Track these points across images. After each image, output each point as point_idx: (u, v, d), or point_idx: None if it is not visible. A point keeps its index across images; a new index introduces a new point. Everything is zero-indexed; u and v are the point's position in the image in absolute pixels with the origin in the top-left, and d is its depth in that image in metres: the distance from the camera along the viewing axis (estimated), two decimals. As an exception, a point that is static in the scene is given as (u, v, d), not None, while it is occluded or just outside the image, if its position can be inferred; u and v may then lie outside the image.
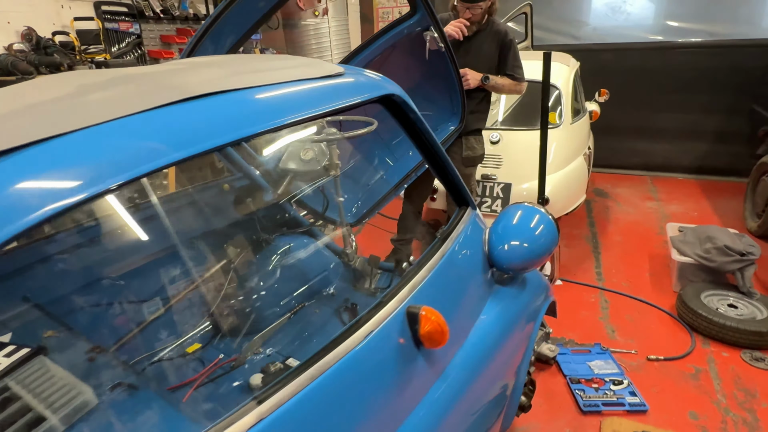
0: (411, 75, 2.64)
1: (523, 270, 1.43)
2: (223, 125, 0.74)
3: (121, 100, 0.73)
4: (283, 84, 0.89)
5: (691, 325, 2.75)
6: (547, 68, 2.11)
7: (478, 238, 1.40)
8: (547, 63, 2.12)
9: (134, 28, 3.74)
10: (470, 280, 1.31)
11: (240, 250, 2.29)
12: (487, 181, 3.40)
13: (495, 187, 3.38)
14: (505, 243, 1.38)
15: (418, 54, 2.42)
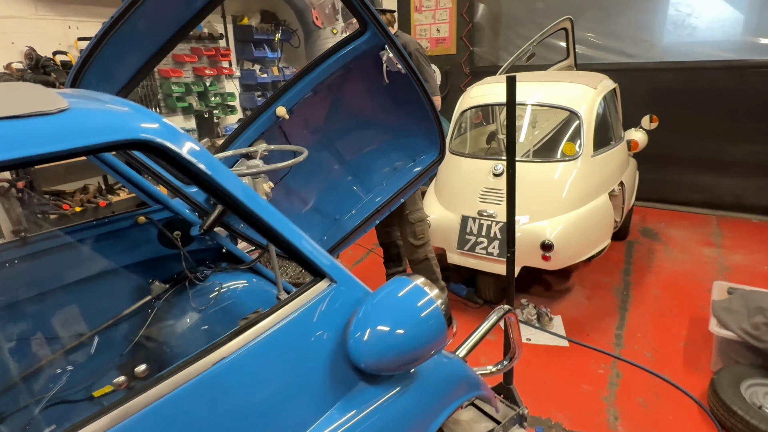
0: (375, 101, 2.33)
1: (380, 370, 1.06)
2: None
3: None
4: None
5: (723, 424, 2.12)
6: (511, 93, 1.71)
7: (333, 323, 1.06)
8: (512, 88, 1.72)
9: (143, 48, 3.79)
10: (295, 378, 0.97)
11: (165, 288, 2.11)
12: (484, 219, 2.96)
13: (493, 226, 2.94)
14: (364, 331, 1.03)
15: (379, 77, 2.12)
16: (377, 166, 2.59)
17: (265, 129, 2.14)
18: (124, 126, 0.77)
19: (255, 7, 4.80)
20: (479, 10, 6.04)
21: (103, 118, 0.77)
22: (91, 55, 1.52)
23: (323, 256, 1.10)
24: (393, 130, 2.48)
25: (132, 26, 1.56)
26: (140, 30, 1.60)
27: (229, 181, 0.91)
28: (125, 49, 1.63)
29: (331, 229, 2.63)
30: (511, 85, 1.70)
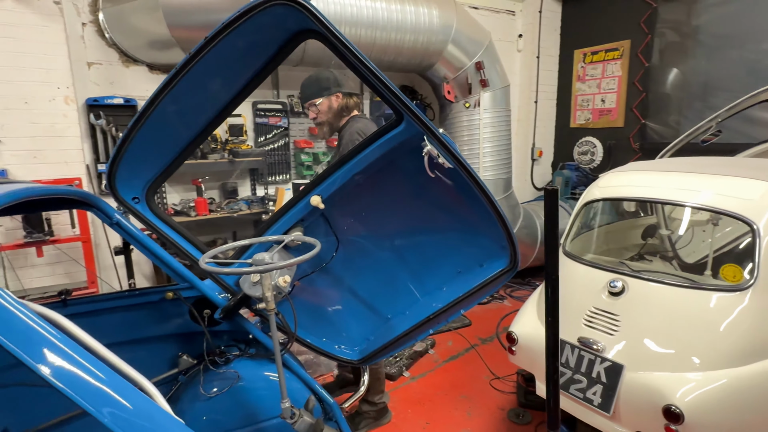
0: (430, 195, 1.99)
1: None
2: None
3: None
4: None
5: None
6: (550, 207, 1.19)
7: None
8: (552, 203, 1.20)
9: (282, 122, 4.23)
10: None
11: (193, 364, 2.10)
12: (586, 351, 2.23)
13: (597, 363, 2.18)
14: None
15: (435, 172, 1.81)
16: (438, 267, 2.20)
17: (303, 216, 2.01)
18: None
19: (395, 82, 4.98)
20: (659, 78, 5.09)
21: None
22: (125, 143, 1.65)
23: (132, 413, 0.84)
24: (455, 229, 2.08)
25: (162, 114, 1.63)
26: (174, 117, 1.68)
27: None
28: (161, 134, 1.71)
29: (380, 328, 2.31)
30: (551, 200, 1.20)
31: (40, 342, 0.80)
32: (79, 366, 0.81)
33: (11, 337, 0.77)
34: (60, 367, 0.80)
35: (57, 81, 3.18)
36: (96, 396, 0.81)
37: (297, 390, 2.07)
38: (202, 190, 3.76)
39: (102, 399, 0.81)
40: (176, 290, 2.00)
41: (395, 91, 1.52)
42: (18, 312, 0.79)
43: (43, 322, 0.82)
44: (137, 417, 0.84)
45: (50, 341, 0.80)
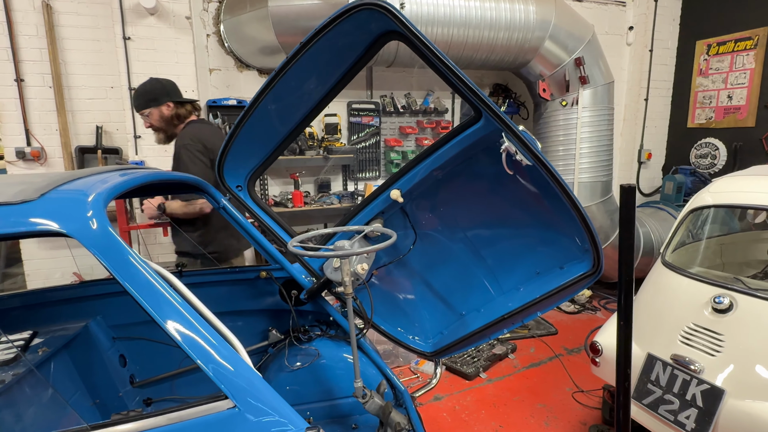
0: (508, 192, 1.97)
1: None
2: None
3: None
4: None
5: None
6: (627, 208, 1.10)
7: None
8: (629, 201, 1.12)
9: (374, 121, 4.42)
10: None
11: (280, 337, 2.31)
12: (680, 369, 2.04)
13: (692, 384, 1.98)
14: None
15: (513, 169, 1.81)
16: (516, 266, 2.16)
17: (384, 209, 2.12)
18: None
19: (488, 81, 4.90)
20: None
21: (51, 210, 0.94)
22: (232, 137, 1.88)
23: (233, 374, 0.99)
24: (535, 228, 2.04)
25: (264, 112, 1.84)
26: (272, 114, 1.88)
27: (128, 278, 0.94)
28: (262, 130, 1.93)
29: (454, 323, 2.34)
30: (627, 197, 1.15)
31: (170, 308, 0.97)
32: (193, 329, 0.98)
33: (149, 300, 0.96)
34: (179, 329, 0.97)
35: (185, 85, 3.67)
36: (204, 354, 0.97)
37: (371, 374, 2.18)
38: (299, 183, 4.07)
39: (208, 357, 0.97)
40: (269, 270, 2.23)
41: (473, 87, 1.55)
42: (138, 264, 0.98)
43: (172, 291, 1.00)
44: (235, 376, 0.99)
45: (176, 308, 0.98)
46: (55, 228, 0.93)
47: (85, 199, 1.01)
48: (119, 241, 0.97)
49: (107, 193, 1.08)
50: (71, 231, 0.93)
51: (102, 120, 3.70)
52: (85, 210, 0.98)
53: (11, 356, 1.71)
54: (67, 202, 1.00)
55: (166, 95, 2.70)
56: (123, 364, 2.24)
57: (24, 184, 1.06)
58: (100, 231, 0.96)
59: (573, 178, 4.36)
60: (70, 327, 2.07)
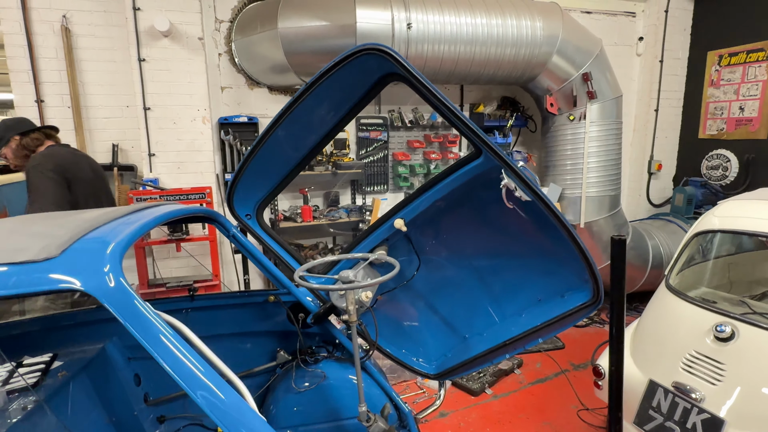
0: (510, 223, 2.01)
1: None
2: None
3: None
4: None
5: None
6: (617, 260, 1.14)
7: None
8: (619, 254, 1.15)
9: (382, 136, 4.47)
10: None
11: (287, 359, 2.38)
12: (681, 398, 2.06)
13: (693, 413, 2.00)
14: None
15: (513, 203, 1.85)
16: (518, 293, 2.20)
17: (388, 237, 2.17)
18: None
19: (496, 94, 4.93)
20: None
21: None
22: (243, 167, 1.96)
23: (238, 422, 1.05)
24: (537, 257, 2.08)
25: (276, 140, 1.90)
26: (284, 142, 1.94)
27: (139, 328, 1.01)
28: (272, 158, 2.00)
29: (457, 347, 2.39)
30: (617, 250, 1.19)
31: (178, 361, 1.03)
32: (201, 383, 1.04)
33: (143, 334, 1.02)
34: (173, 359, 1.03)
35: (197, 104, 3.78)
36: (195, 383, 1.03)
37: (376, 396, 2.24)
38: (307, 198, 4.15)
39: (200, 386, 1.03)
40: (276, 295, 2.30)
41: (473, 127, 1.60)
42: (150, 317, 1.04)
43: (166, 326, 1.07)
44: (228, 408, 1.05)
45: (184, 361, 1.04)
46: (76, 286, 1.00)
47: (104, 251, 1.08)
48: (133, 295, 1.04)
49: (125, 244, 1.15)
50: (89, 288, 1.00)
51: (118, 138, 3.82)
52: (103, 264, 1.05)
53: (34, 381, 1.80)
54: (86, 256, 1.07)
55: (11, 130, 2.71)
56: (137, 383, 2.33)
57: (47, 238, 1.13)
58: (116, 287, 1.03)
59: (581, 192, 4.37)
60: (88, 349, 2.16)
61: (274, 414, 2.25)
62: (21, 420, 1.61)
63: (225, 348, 2.41)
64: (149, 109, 3.64)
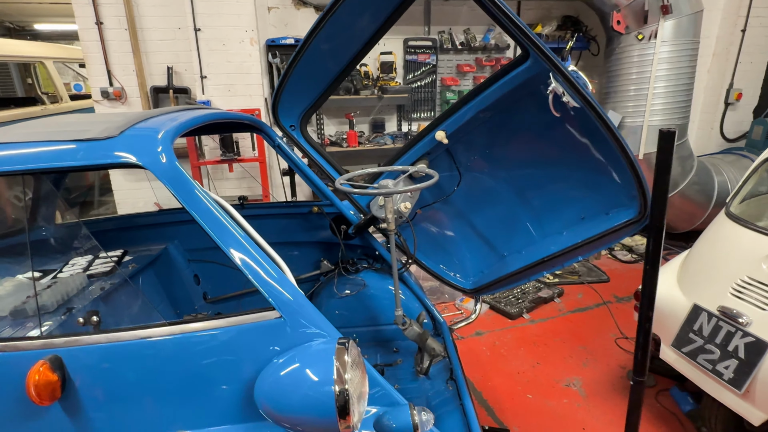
0: (555, 135, 1.92)
1: (273, 420, 1.02)
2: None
3: None
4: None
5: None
6: (664, 154, 1.07)
7: (262, 353, 1.09)
8: (667, 147, 1.07)
9: (431, 59, 4.31)
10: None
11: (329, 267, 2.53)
12: (725, 321, 2.00)
13: (737, 336, 1.95)
14: (268, 379, 1.03)
15: (561, 111, 1.77)
16: (560, 211, 2.16)
17: (430, 150, 2.16)
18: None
19: (557, 13, 4.53)
20: None
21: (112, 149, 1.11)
22: (285, 77, 1.98)
23: (281, 289, 1.15)
24: (582, 172, 2.00)
25: (315, 51, 1.90)
26: (324, 53, 1.94)
27: (188, 199, 1.10)
28: (313, 69, 2.00)
29: (495, 264, 2.42)
30: (665, 143, 1.12)
31: (227, 233, 1.13)
32: (247, 252, 1.13)
33: (215, 230, 1.12)
34: (236, 251, 1.13)
35: (245, 24, 3.77)
36: (256, 273, 1.13)
37: (413, 306, 2.35)
38: (353, 123, 4.15)
39: (259, 276, 1.13)
40: (320, 206, 2.40)
41: (520, 24, 1.51)
42: (198, 192, 1.14)
43: (230, 219, 1.16)
44: (282, 293, 1.15)
45: (233, 233, 1.13)
46: (133, 160, 1.10)
47: (156, 135, 1.17)
48: (184, 173, 1.13)
49: (174, 131, 1.23)
50: (146, 163, 1.10)
51: (172, 61, 3.94)
52: (156, 145, 1.14)
53: (109, 269, 2.03)
54: (142, 138, 1.16)
55: None
56: (197, 282, 2.58)
57: (107, 123, 1.23)
58: (168, 164, 1.12)
59: (643, 120, 4.06)
60: (153, 248, 2.39)
61: (320, 315, 2.44)
62: (99, 299, 1.85)
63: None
64: (199, 30, 3.69)
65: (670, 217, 4.51)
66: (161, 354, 1.10)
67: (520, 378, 2.79)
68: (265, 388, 1.05)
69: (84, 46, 3.78)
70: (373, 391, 1.25)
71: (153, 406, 1.10)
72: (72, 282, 1.81)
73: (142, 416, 1.10)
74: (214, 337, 1.11)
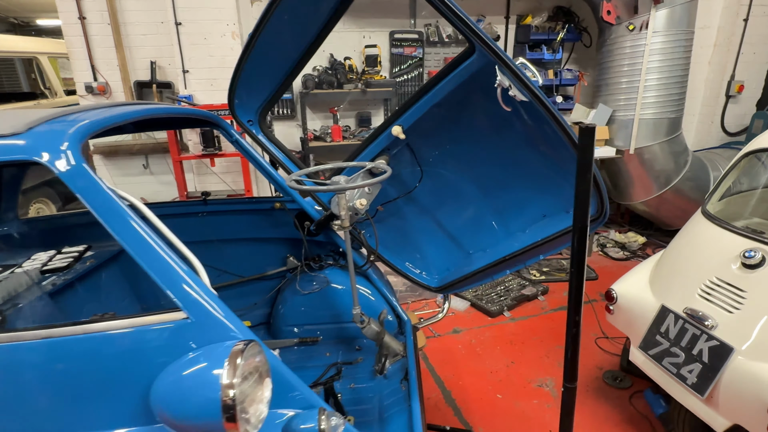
0: (512, 130, 1.86)
1: (168, 424, 1.00)
2: None
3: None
4: None
5: None
6: (584, 151, 1.01)
7: (167, 355, 1.07)
8: (587, 144, 1.01)
9: (417, 52, 4.23)
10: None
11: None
12: (691, 324, 1.93)
13: (701, 340, 1.88)
14: (164, 382, 1.01)
15: (512, 106, 1.71)
16: (523, 208, 2.11)
17: (390, 145, 2.11)
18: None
19: (549, 3, 4.41)
20: None
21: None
22: (238, 71, 1.95)
23: (189, 290, 1.12)
24: (543, 168, 1.94)
25: (266, 43, 1.86)
26: (275, 45, 1.90)
27: (91, 199, 1.08)
28: (266, 62, 1.96)
29: (460, 261, 2.37)
30: (585, 140, 1.06)
31: (132, 232, 1.10)
32: (153, 251, 1.11)
33: (120, 231, 1.09)
34: (141, 250, 1.10)
35: (227, 18, 3.75)
36: (164, 272, 1.10)
37: (376, 303, 2.31)
38: (337, 117, 4.11)
39: (167, 275, 1.10)
40: (282, 202, 2.37)
41: (462, 15, 1.46)
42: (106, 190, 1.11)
43: (137, 217, 1.13)
44: (191, 292, 1.12)
45: (138, 232, 1.10)
46: (35, 159, 1.08)
47: (64, 133, 1.15)
48: (90, 174, 1.10)
49: (86, 129, 1.21)
50: (48, 162, 1.07)
51: (155, 55, 3.93)
52: (60, 143, 1.11)
53: (65, 264, 2.03)
54: (48, 135, 1.14)
55: None
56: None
57: (24, 118, 1.21)
58: (73, 165, 1.09)
59: (634, 114, 3.94)
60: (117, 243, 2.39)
61: (283, 312, 2.41)
62: (53, 294, 1.85)
63: (241, 252, 2.57)
64: (180, 24, 3.68)
65: (664, 213, 4.39)
66: (62, 355, 1.08)
67: (492, 377, 2.75)
68: (160, 392, 1.03)
69: (68, 41, 3.79)
70: (293, 393, 1.22)
71: (52, 408, 1.09)
72: (20, 279, 1.81)
73: (39, 419, 1.08)
74: (117, 337, 1.09)
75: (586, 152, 1.11)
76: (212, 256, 2.54)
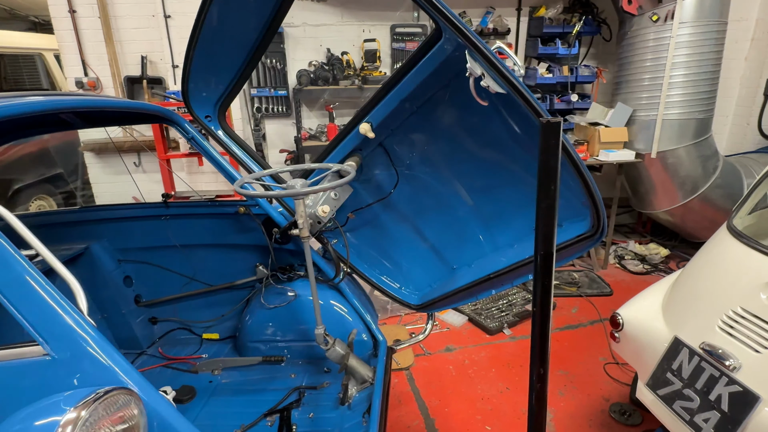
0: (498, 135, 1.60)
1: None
2: None
3: None
4: None
5: None
6: (547, 146, 0.75)
7: (24, 395, 0.87)
8: (552, 140, 0.75)
9: (421, 47, 3.96)
10: None
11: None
12: (710, 362, 1.61)
13: (721, 383, 1.56)
14: None
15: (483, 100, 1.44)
16: (511, 220, 1.84)
17: (361, 146, 1.87)
18: None
19: (565, -6, 4.08)
20: None
21: None
22: (187, 63, 1.74)
23: (52, 319, 0.91)
24: (530, 174, 1.67)
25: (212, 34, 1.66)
26: (223, 36, 1.69)
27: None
28: (216, 54, 1.76)
29: (444, 277, 2.12)
30: (549, 134, 0.80)
31: None
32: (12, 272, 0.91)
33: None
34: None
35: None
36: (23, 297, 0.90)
37: (348, 321, 2.08)
38: (333, 115, 3.89)
39: (26, 300, 0.90)
40: (247, 207, 2.15)
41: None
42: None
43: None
44: (58, 322, 0.92)
45: None
46: None
47: None
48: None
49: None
50: None
51: (146, 50, 3.80)
52: None
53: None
54: None
55: None
56: (129, 284, 2.41)
57: None
58: None
59: (657, 114, 3.57)
60: (74, 247, 2.23)
61: (249, 326, 2.20)
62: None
63: (210, 259, 2.37)
64: (170, 17, 3.53)
65: (690, 223, 3.99)
66: None
67: (482, 405, 2.46)
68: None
69: (58, 36, 3.70)
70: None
71: None
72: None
73: None
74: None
75: (550, 154, 0.84)
76: (178, 263, 2.36)
